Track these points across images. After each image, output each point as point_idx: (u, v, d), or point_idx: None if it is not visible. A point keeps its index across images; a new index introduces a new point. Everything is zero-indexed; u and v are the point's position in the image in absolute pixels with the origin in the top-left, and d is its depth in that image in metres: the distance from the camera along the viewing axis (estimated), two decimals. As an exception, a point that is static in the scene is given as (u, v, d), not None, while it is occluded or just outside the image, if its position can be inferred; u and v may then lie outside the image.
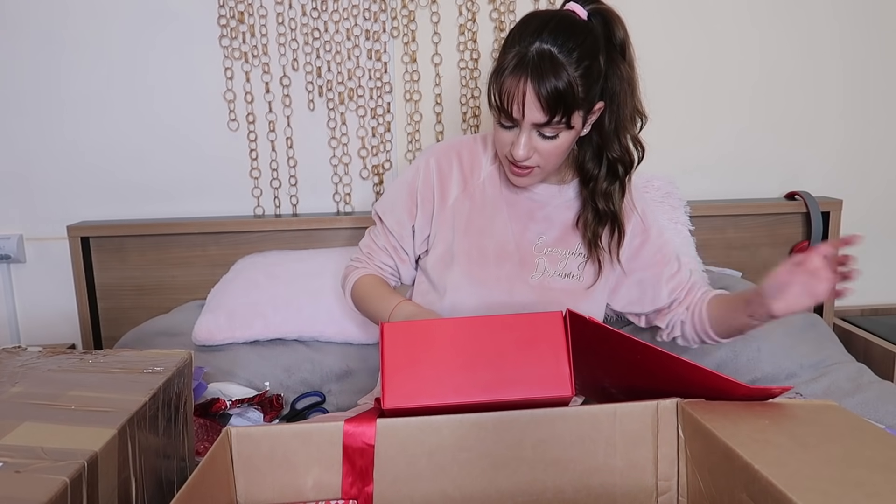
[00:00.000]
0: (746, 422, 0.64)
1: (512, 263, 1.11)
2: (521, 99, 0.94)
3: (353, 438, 0.68)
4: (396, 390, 0.70)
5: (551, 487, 0.70)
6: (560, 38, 0.93)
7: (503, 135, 1.01)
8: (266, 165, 1.74)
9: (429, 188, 1.14)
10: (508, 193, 1.13)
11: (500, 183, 1.13)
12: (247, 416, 1.24)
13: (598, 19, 0.99)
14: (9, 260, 1.70)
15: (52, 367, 0.74)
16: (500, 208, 1.12)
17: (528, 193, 1.12)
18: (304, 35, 1.67)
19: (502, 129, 1.01)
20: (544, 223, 1.13)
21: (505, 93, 0.95)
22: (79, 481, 0.52)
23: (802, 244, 1.77)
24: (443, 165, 1.14)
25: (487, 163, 1.15)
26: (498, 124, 1.01)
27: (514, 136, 1.00)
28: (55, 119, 1.67)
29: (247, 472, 0.68)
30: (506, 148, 1.02)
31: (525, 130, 0.98)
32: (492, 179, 1.14)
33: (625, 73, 1.01)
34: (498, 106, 0.97)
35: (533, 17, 0.98)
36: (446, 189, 1.13)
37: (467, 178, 1.14)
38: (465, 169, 1.14)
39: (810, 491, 0.51)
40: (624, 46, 1.01)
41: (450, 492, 0.69)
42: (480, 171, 1.14)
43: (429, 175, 1.14)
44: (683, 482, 0.70)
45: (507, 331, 0.73)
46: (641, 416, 0.70)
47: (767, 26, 1.77)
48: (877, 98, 1.83)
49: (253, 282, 1.53)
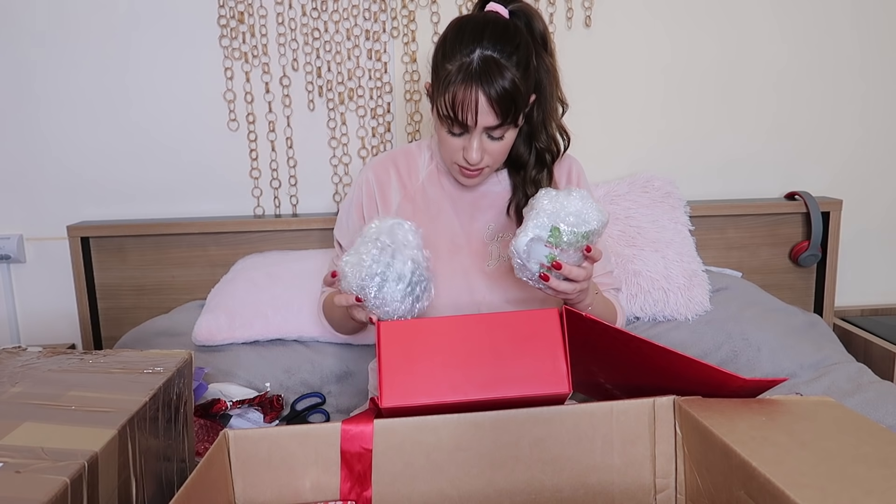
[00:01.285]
0: (743, 419, 0.64)
1: (464, 254, 1.13)
2: (473, 106, 0.97)
3: (350, 443, 0.68)
4: (394, 389, 0.71)
5: (549, 486, 0.70)
6: (499, 43, 0.97)
7: (452, 142, 1.04)
8: (266, 165, 1.74)
9: (371, 201, 1.17)
10: (451, 189, 1.16)
11: (439, 181, 1.16)
12: (247, 416, 1.24)
13: (520, 16, 1.04)
14: (9, 260, 1.70)
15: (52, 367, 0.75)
16: (443, 205, 1.15)
17: (465, 188, 1.15)
18: (304, 35, 1.67)
19: (451, 137, 1.03)
20: (490, 211, 1.15)
21: (457, 103, 0.98)
22: (79, 482, 0.53)
23: (802, 244, 1.77)
24: (381, 176, 1.18)
25: (424, 165, 1.18)
26: (447, 133, 1.03)
27: (463, 141, 1.03)
28: (55, 119, 1.67)
29: (245, 474, 0.68)
30: (456, 154, 1.05)
31: (476, 135, 1.01)
32: (431, 179, 1.17)
33: (549, 64, 1.07)
34: (450, 116, 0.99)
35: (464, 25, 1.01)
36: (387, 198, 1.16)
37: (406, 183, 1.17)
38: (402, 175, 1.18)
39: (807, 488, 0.51)
40: (545, 38, 1.06)
41: (448, 491, 0.70)
42: (418, 173, 1.18)
43: (370, 189, 1.17)
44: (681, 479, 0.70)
45: (504, 328, 0.74)
46: (638, 414, 0.71)
47: (769, 27, 1.77)
48: (877, 98, 1.83)
49: (253, 282, 1.53)
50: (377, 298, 0.88)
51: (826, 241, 1.77)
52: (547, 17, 1.71)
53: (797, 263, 1.79)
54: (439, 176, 1.17)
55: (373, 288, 0.88)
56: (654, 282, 1.53)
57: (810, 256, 1.76)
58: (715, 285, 1.60)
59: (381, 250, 0.88)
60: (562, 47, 1.73)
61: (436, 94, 1.02)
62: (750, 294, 1.62)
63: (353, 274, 0.88)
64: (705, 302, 1.54)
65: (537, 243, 0.89)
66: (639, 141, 1.80)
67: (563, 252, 0.89)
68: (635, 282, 1.53)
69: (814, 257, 1.76)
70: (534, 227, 0.89)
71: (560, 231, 0.88)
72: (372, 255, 0.88)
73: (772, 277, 1.80)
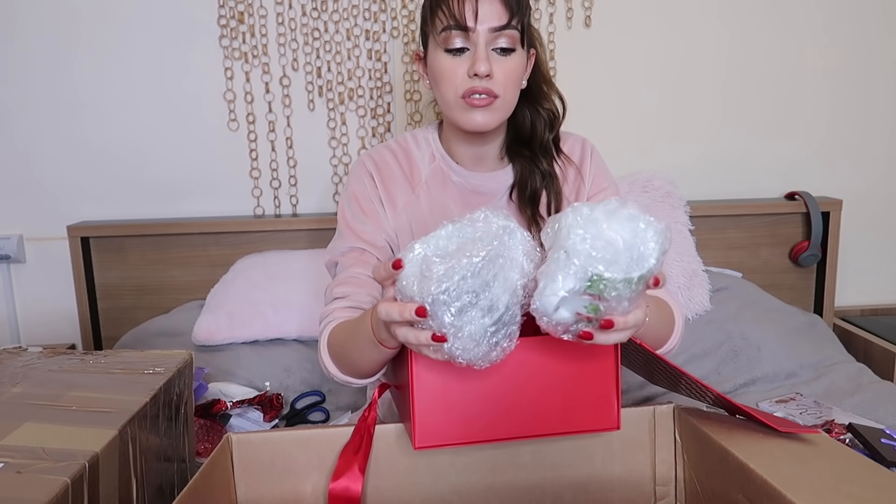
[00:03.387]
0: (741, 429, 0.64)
1: None
2: (474, 2, 0.90)
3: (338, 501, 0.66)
4: (428, 429, 0.63)
5: (549, 493, 0.70)
6: None
7: (453, 64, 0.93)
8: (266, 165, 1.74)
9: (375, 192, 1.04)
10: (456, 192, 1.05)
11: (443, 182, 1.06)
12: (247, 416, 1.24)
13: None
14: (9, 260, 1.70)
15: (52, 367, 0.75)
16: (447, 207, 1.05)
17: (472, 186, 1.05)
18: (304, 35, 1.67)
19: (451, 58, 0.94)
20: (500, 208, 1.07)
21: (454, 1, 0.90)
22: (80, 482, 0.53)
23: (802, 244, 1.77)
24: (381, 168, 1.05)
25: (425, 163, 1.07)
26: (448, 56, 0.94)
27: (466, 60, 0.93)
28: (55, 119, 1.67)
29: (247, 478, 0.69)
30: (458, 79, 0.94)
31: (482, 41, 0.92)
32: (434, 178, 1.06)
33: (537, 34, 1.04)
34: (450, 20, 0.91)
35: None
36: (391, 192, 1.04)
37: (409, 178, 1.05)
38: (405, 169, 1.06)
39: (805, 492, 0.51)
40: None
41: (449, 497, 0.70)
42: (420, 171, 1.06)
43: (371, 179, 1.04)
44: (681, 487, 0.70)
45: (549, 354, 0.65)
46: (639, 422, 0.71)
47: (770, 26, 1.77)
48: (877, 98, 1.83)
49: (253, 282, 1.53)
50: (452, 326, 0.59)
51: (826, 241, 1.77)
52: (547, 17, 1.71)
53: (797, 263, 1.79)
54: (444, 176, 1.06)
55: (452, 308, 0.59)
56: (654, 282, 1.53)
57: (810, 256, 1.76)
58: (715, 285, 1.60)
59: (487, 261, 0.59)
60: (562, 47, 1.73)
61: (429, 22, 0.95)
62: (750, 294, 1.62)
63: (434, 277, 0.59)
64: (705, 302, 1.54)
65: (573, 297, 0.60)
66: (639, 140, 1.80)
67: (610, 301, 0.59)
68: (635, 282, 1.53)
69: (814, 257, 1.76)
70: (565, 278, 0.59)
71: (604, 281, 0.58)
72: (474, 263, 0.59)
73: (772, 277, 1.80)
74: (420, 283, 0.60)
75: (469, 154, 1.04)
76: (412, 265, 0.62)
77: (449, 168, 1.06)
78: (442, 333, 0.59)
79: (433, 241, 0.63)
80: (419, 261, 0.61)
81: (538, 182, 1.02)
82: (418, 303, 0.60)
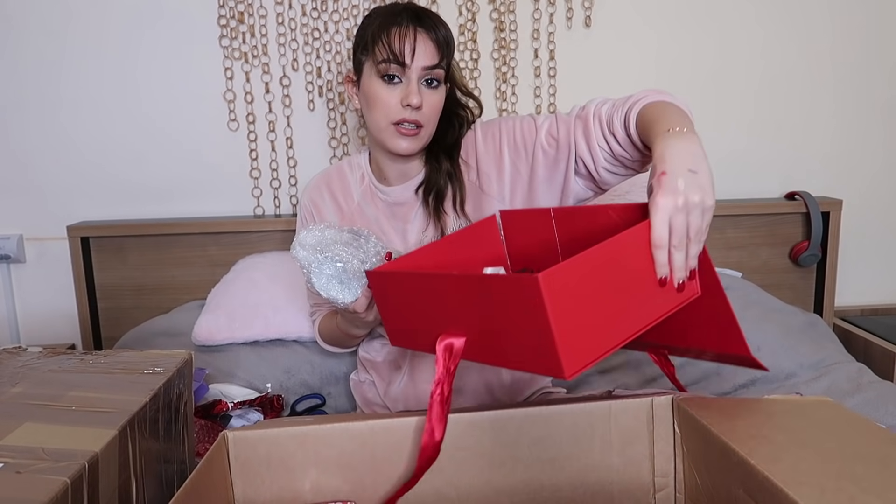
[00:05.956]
0: (742, 418, 0.64)
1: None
2: (412, 42, 1.01)
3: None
4: (573, 353, 0.58)
5: (548, 486, 0.70)
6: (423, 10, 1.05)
7: (388, 96, 1.03)
8: (266, 165, 1.74)
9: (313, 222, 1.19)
10: (384, 207, 1.17)
11: (373, 199, 1.18)
12: (247, 417, 1.24)
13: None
14: (9, 260, 1.70)
15: (52, 367, 0.75)
16: (379, 220, 1.16)
17: (394, 199, 1.15)
18: (304, 35, 1.67)
19: (387, 89, 1.03)
20: (418, 221, 1.15)
21: (395, 38, 1.00)
22: (79, 482, 0.53)
23: (802, 244, 1.77)
24: (316, 200, 1.20)
25: (357, 185, 1.19)
26: (383, 84, 1.03)
27: (400, 91, 1.03)
28: (55, 119, 1.67)
29: (244, 476, 0.69)
30: (392, 110, 1.04)
31: (413, 79, 1.02)
32: (365, 198, 1.18)
33: (456, 65, 1.13)
34: (388, 55, 1.01)
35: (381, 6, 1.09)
36: (326, 219, 1.19)
37: (342, 205, 1.19)
38: (337, 197, 1.19)
39: (806, 485, 0.51)
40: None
41: (447, 491, 0.70)
42: (352, 194, 1.19)
43: (308, 214, 1.21)
44: (680, 478, 0.70)
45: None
46: (637, 413, 0.71)
47: (770, 26, 1.77)
48: (877, 99, 1.83)
49: (253, 282, 1.53)
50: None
51: (826, 241, 1.77)
52: (547, 18, 1.71)
53: (797, 263, 1.79)
54: (373, 194, 1.17)
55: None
56: (653, 282, 1.53)
57: (810, 256, 1.76)
58: (715, 285, 1.60)
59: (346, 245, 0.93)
60: (562, 47, 1.73)
61: (367, 51, 1.04)
62: (750, 294, 1.62)
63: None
64: (705, 302, 1.54)
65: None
66: (639, 141, 1.80)
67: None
68: (635, 282, 1.53)
69: (814, 257, 1.76)
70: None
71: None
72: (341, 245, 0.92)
73: (772, 277, 1.80)
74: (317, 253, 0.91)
75: (395, 170, 1.14)
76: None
77: (375, 188, 1.17)
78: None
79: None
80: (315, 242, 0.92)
81: (442, 180, 1.11)
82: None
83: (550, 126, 1.04)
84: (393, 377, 1.18)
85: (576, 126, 1.00)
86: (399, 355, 1.17)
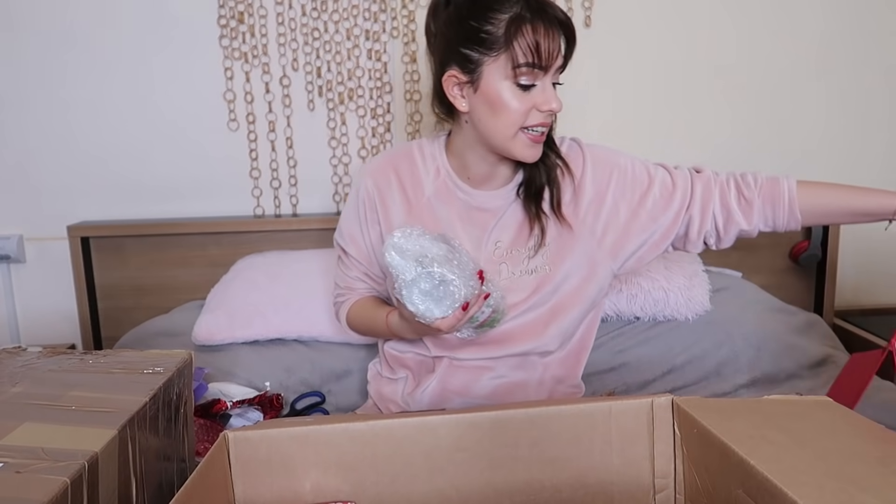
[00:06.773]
0: (741, 418, 0.64)
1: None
2: (557, 42, 0.92)
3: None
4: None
5: (548, 486, 0.70)
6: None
7: (521, 100, 0.93)
8: (266, 165, 1.74)
9: (373, 212, 1.08)
10: (462, 210, 1.06)
11: (449, 199, 1.07)
12: (247, 416, 1.24)
13: None
14: (9, 260, 1.70)
15: (52, 367, 0.75)
16: (451, 221, 1.06)
17: (477, 203, 1.07)
18: (304, 35, 1.67)
19: (520, 96, 0.93)
20: (497, 231, 1.07)
21: (543, 39, 0.90)
22: (79, 482, 0.53)
23: (802, 244, 1.77)
24: (381, 186, 1.08)
25: (429, 179, 1.07)
26: (517, 90, 0.93)
27: (533, 96, 0.94)
28: (55, 119, 1.67)
29: (245, 476, 0.68)
30: (523, 116, 0.94)
31: (549, 80, 0.94)
32: (439, 197, 1.07)
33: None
34: (532, 58, 0.90)
35: None
36: (388, 211, 1.07)
37: (409, 197, 1.07)
38: (406, 188, 1.07)
39: (806, 485, 0.51)
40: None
41: (447, 492, 0.70)
42: (423, 188, 1.07)
43: (370, 199, 1.08)
44: (680, 479, 0.70)
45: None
46: (637, 414, 0.71)
47: (770, 26, 1.77)
48: (877, 98, 1.83)
49: (253, 282, 1.53)
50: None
51: (826, 241, 1.77)
52: (547, 17, 1.71)
53: (797, 263, 1.79)
54: (450, 193, 1.06)
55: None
56: (654, 282, 1.53)
57: (810, 256, 1.76)
58: (715, 285, 1.60)
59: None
60: (562, 47, 1.73)
61: (493, 48, 0.91)
62: (750, 294, 1.62)
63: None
64: (705, 302, 1.54)
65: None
66: (638, 140, 1.80)
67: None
68: (635, 282, 1.53)
69: (814, 257, 1.76)
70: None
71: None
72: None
73: (772, 277, 1.80)
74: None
75: (483, 172, 1.05)
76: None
77: (455, 185, 1.07)
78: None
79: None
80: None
81: (542, 177, 1.03)
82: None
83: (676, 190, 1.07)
84: (423, 379, 1.11)
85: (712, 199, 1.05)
86: (435, 359, 1.10)
